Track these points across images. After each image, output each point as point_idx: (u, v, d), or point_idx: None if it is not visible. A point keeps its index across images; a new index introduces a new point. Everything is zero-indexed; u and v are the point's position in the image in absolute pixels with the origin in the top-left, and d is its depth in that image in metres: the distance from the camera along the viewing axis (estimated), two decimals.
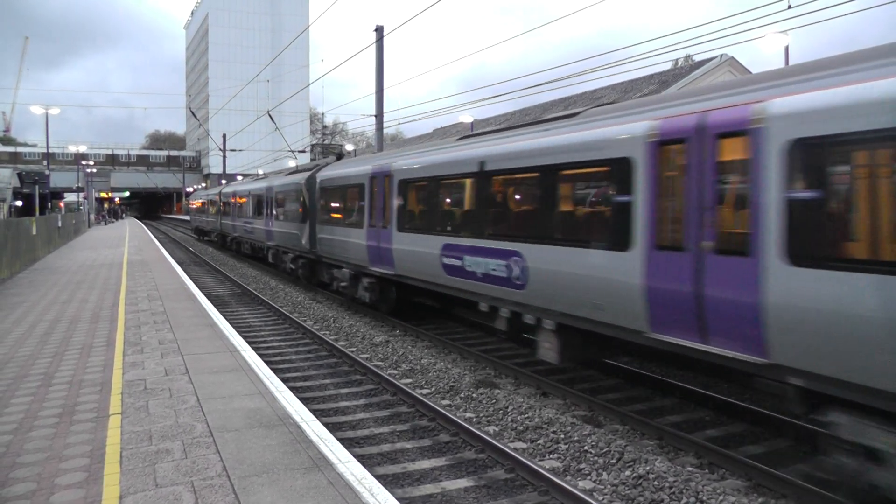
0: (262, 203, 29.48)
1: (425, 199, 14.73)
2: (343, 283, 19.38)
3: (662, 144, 8.37)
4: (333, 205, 20.53)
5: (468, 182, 12.68)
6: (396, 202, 15.55)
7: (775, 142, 7.01)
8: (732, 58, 32.15)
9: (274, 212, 27.39)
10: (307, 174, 23.17)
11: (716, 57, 31.85)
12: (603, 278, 9.10)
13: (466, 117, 37.19)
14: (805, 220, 6.72)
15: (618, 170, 8.94)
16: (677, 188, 8.24)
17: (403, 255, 15.08)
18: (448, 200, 14.14)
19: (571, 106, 34.68)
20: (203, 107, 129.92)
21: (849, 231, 6.71)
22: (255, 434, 6.86)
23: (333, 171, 20.71)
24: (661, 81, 31.81)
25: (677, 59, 36.14)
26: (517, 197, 11.84)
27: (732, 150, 7.59)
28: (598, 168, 9.47)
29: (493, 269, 11.54)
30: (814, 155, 6.67)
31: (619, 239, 8.86)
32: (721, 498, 7.08)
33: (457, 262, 12.79)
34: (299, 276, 24.27)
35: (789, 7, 14.80)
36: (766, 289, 6.98)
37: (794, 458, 8.11)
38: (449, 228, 13.52)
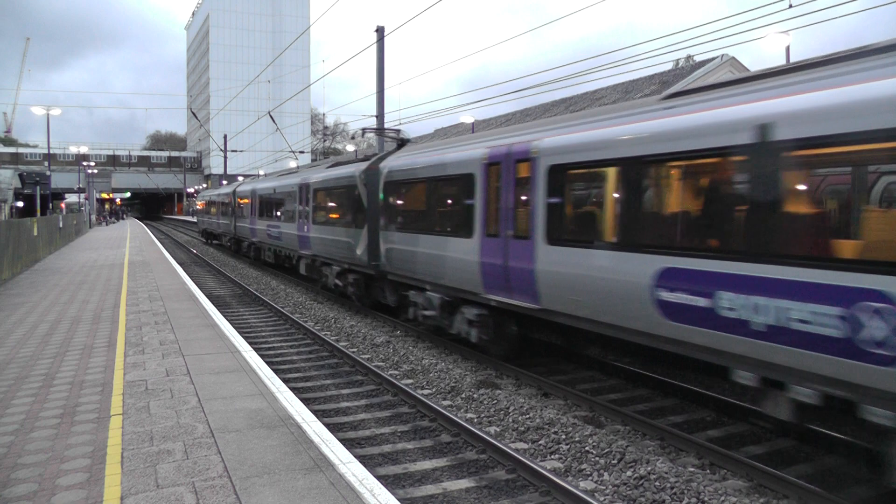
0: (294, 202, 24.51)
1: (608, 196, 9.43)
2: (428, 312, 14.34)
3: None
4: (411, 205, 15.47)
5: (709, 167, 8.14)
6: (545, 199, 10.46)
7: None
8: (733, 58, 32.13)
9: (312, 213, 22.34)
10: (363, 164, 18.23)
11: (717, 57, 31.82)
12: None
13: (467, 118, 37.16)
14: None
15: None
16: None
17: (559, 282, 10.13)
18: (678, 195, 8.79)
19: (573, 107, 34.67)
20: (204, 107, 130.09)
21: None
22: (257, 435, 6.86)
23: (411, 159, 15.40)
24: (662, 81, 31.79)
25: (678, 60, 36.10)
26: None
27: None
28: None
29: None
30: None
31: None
32: (723, 498, 7.08)
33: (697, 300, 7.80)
34: (349, 294, 19.54)
35: (790, 6, 14.79)
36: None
37: (795, 459, 8.10)
38: (675, 242, 8.41)
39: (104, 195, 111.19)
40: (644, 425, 9.17)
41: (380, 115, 29.46)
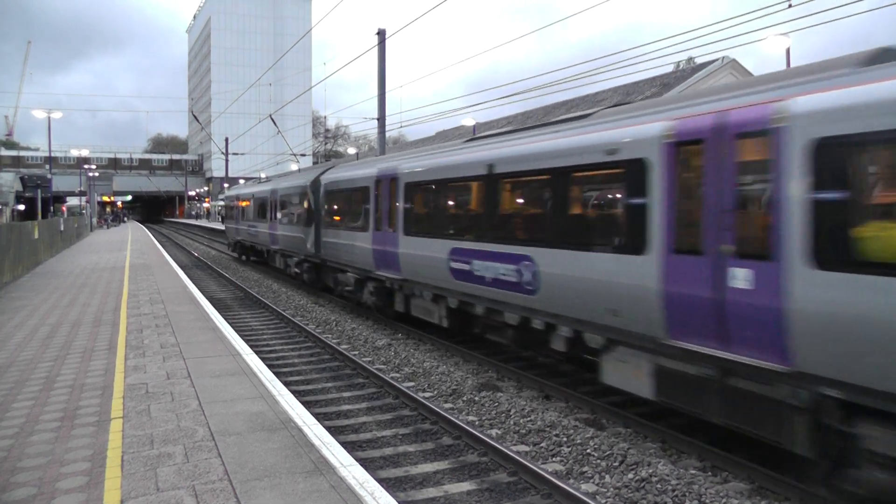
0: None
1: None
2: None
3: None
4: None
5: None
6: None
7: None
8: (734, 60, 32.11)
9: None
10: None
11: (718, 59, 31.80)
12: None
13: (469, 120, 37.16)
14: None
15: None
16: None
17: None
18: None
19: (573, 109, 34.63)
20: (205, 110, 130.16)
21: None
22: (257, 438, 6.84)
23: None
24: (663, 84, 31.79)
25: (679, 62, 36.10)
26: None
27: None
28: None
29: None
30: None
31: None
32: (724, 501, 7.08)
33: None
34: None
35: (790, 6, 14.77)
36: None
37: (796, 461, 8.06)
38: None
39: (105, 198, 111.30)
40: (645, 427, 9.16)
41: (381, 118, 29.48)
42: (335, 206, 20.17)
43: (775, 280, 6.72)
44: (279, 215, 26.56)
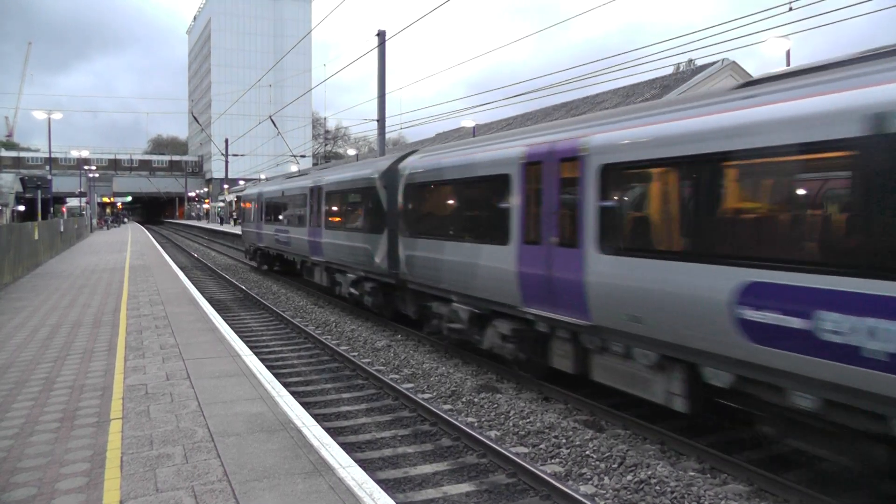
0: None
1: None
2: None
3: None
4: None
5: None
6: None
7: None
8: (734, 62, 32.12)
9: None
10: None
11: (718, 61, 31.81)
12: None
13: (469, 122, 37.19)
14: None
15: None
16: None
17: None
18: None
19: (573, 111, 34.65)
20: (206, 111, 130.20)
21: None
22: (257, 439, 6.86)
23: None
24: (663, 86, 31.80)
25: (679, 64, 36.14)
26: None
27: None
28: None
29: None
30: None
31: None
32: (723, 502, 7.08)
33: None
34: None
35: (790, 9, 14.80)
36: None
37: (796, 463, 8.08)
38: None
39: (105, 199, 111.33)
40: (645, 429, 9.16)
41: (381, 120, 29.51)
42: (426, 206, 14.45)
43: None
44: (325, 218, 20.45)
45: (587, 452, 8.39)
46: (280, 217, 26.52)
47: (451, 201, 13.52)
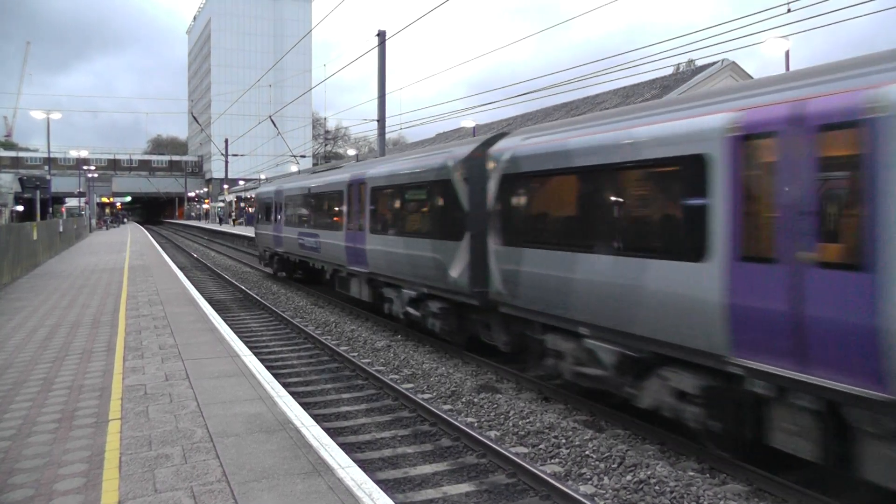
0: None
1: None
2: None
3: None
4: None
5: None
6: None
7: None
8: (734, 63, 32.09)
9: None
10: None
11: (718, 62, 31.79)
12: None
13: (469, 122, 37.19)
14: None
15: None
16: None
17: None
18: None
19: (573, 112, 34.63)
20: (205, 111, 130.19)
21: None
22: (256, 439, 6.84)
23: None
24: (663, 86, 31.78)
25: (679, 64, 36.13)
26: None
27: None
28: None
29: None
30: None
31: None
32: (722, 502, 7.08)
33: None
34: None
35: (789, 11, 14.80)
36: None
37: (795, 464, 8.06)
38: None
39: (105, 199, 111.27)
40: (644, 430, 9.15)
41: (381, 120, 29.50)
42: (541, 204, 10.99)
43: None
44: (369, 219, 16.73)
45: (587, 452, 8.37)
46: (305, 218, 23.04)
47: (586, 198, 9.62)
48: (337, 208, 19.52)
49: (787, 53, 22.74)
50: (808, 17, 14.71)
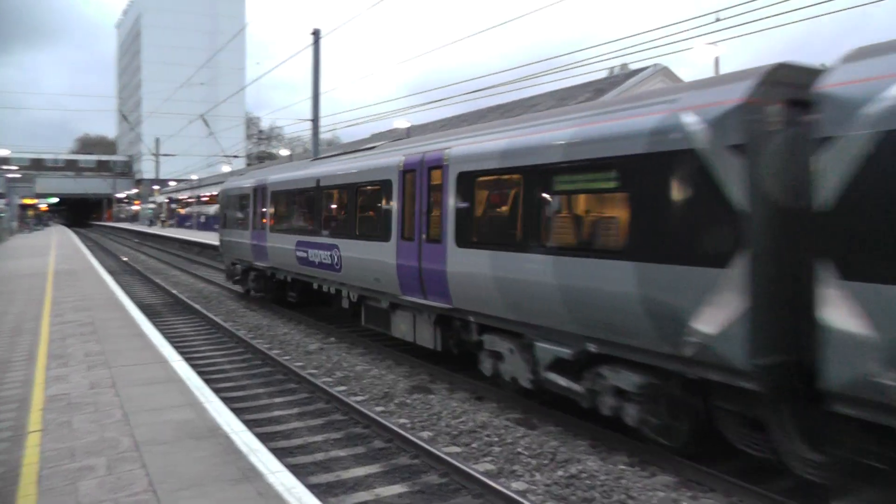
0: None
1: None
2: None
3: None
4: None
5: None
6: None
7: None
8: (666, 67, 32.93)
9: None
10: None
11: (650, 66, 32.56)
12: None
13: (402, 122, 37.20)
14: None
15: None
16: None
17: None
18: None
19: (507, 114, 34.95)
20: (136, 110, 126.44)
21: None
22: (185, 447, 6.73)
23: None
24: (598, 89, 32.35)
25: (613, 68, 36.80)
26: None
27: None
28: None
29: None
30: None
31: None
32: (651, 494, 7.30)
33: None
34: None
35: (717, 20, 15.33)
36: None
37: (722, 455, 8.33)
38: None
39: (27, 200, 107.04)
40: (576, 426, 9.34)
41: (315, 119, 29.27)
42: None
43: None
44: (453, 224, 10.92)
45: (519, 450, 8.51)
46: (309, 221, 16.89)
47: None
48: (378, 206, 13.54)
49: (716, 60, 23.52)
50: (737, 24, 15.28)
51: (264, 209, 19.81)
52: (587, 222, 8.94)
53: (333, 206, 15.84)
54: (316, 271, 16.17)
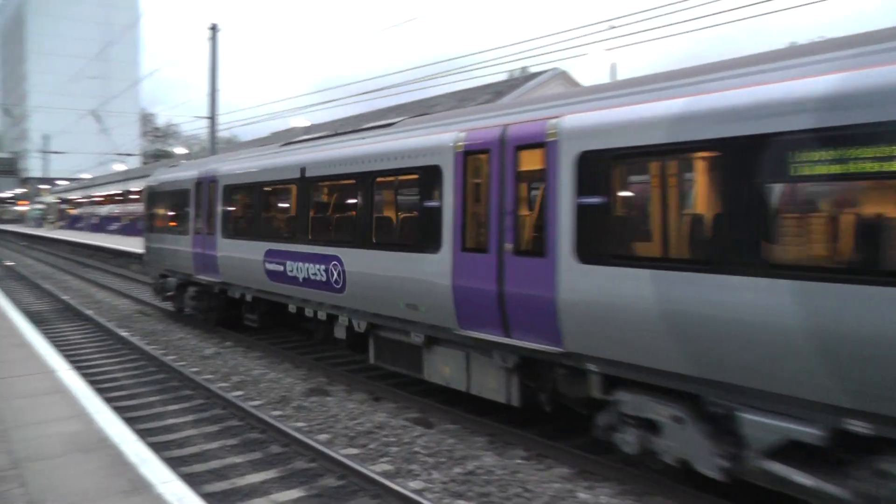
0: None
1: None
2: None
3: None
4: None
5: None
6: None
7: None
8: (564, 71, 33.84)
9: None
10: None
11: (549, 70, 33.45)
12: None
13: (301, 121, 36.84)
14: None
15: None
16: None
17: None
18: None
19: (406, 113, 35.10)
20: (21, 103, 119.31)
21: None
22: (72, 460, 6.52)
23: None
24: (497, 91, 32.92)
25: (513, 70, 37.53)
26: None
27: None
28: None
29: None
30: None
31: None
32: (547, 485, 7.58)
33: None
34: None
35: (611, 28, 16.11)
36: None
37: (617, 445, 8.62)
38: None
39: None
40: (474, 423, 9.56)
41: (212, 117, 28.61)
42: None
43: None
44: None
45: (416, 449, 8.66)
46: (287, 225, 13.16)
47: None
48: (417, 204, 9.90)
49: (612, 66, 24.51)
50: (630, 33, 16.15)
51: (214, 209, 15.58)
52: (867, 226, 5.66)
53: (331, 205, 12.51)
54: (299, 290, 12.35)
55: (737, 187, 6.17)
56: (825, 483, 5.79)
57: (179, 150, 69.06)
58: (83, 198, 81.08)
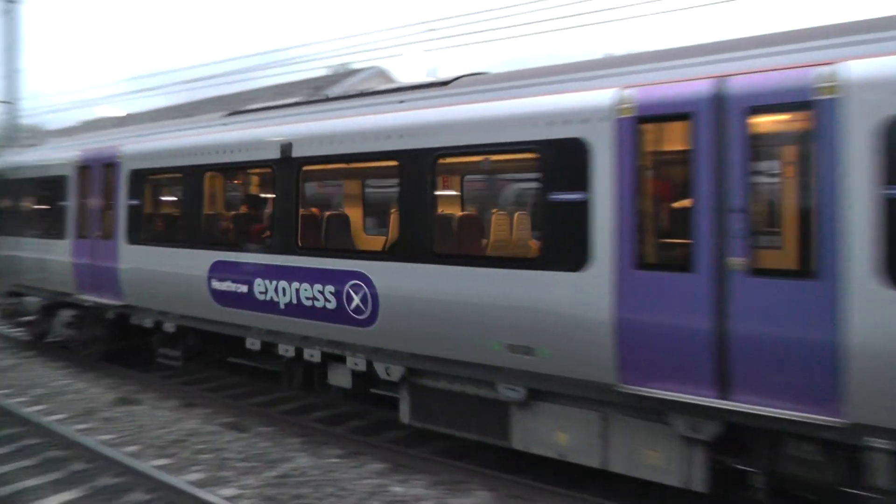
0: None
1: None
2: None
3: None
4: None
5: None
6: None
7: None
8: (383, 70, 34.42)
9: None
10: None
11: (370, 67, 33.92)
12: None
13: (110, 110, 34.77)
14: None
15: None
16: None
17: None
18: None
19: (224, 106, 34.03)
20: None
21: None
22: None
23: None
24: (316, 87, 32.74)
25: (334, 66, 37.47)
26: None
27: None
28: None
29: None
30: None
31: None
32: (361, 481, 7.79)
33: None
34: None
35: (431, 30, 16.81)
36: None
37: (430, 438, 8.92)
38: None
39: None
40: (288, 424, 9.60)
41: (11, 101, 26.39)
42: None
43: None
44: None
45: (229, 455, 8.55)
46: (254, 227, 10.10)
47: None
48: (544, 196, 6.84)
49: (431, 66, 25.41)
50: (449, 36, 16.88)
51: (112, 203, 11.71)
52: None
53: (339, 198, 10.27)
54: (273, 320, 9.15)
55: None
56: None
57: None
58: None
